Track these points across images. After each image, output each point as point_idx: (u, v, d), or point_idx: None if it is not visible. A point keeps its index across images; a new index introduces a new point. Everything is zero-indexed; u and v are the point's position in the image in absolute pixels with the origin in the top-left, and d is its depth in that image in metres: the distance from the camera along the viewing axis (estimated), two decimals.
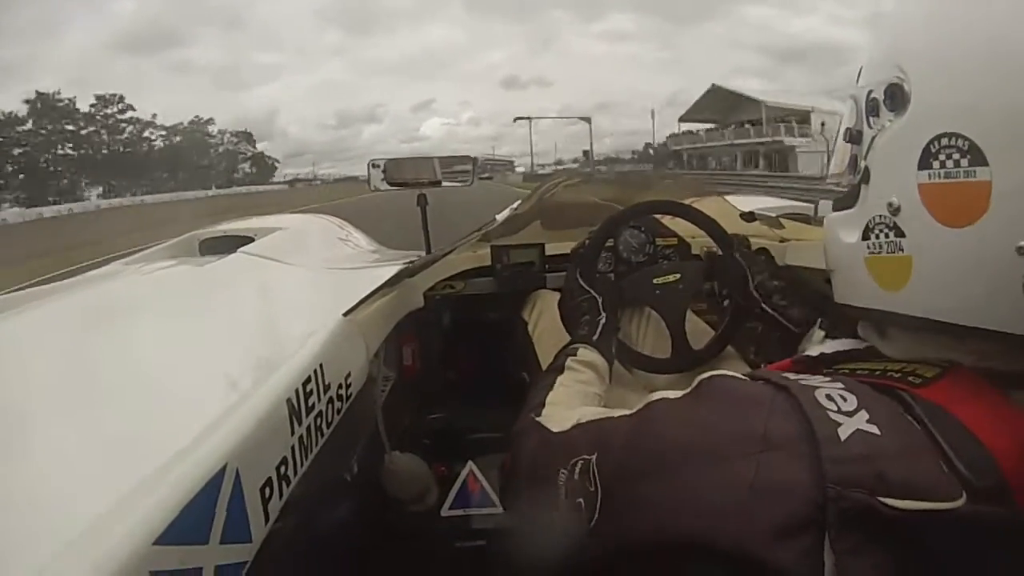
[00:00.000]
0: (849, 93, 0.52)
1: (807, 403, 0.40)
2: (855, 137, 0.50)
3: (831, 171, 0.55)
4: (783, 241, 1.30)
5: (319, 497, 0.80)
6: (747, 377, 0.47)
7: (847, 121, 0.52)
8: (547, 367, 0.82)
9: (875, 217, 0.47)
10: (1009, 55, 0.39)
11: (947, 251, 0.42)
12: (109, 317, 0.87)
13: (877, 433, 0.38)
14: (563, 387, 0.74)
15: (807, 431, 0.39)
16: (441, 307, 1.40)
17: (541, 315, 1.19)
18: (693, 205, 1.16)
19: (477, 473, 1.29)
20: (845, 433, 0.38)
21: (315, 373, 0.74)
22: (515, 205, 1.62)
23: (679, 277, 1.05)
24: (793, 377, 0.45)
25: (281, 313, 1.00)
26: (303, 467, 0.67)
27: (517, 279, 1.33)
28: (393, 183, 1.51)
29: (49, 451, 0.50)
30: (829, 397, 0.41)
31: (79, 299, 0.98)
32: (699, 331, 1.10)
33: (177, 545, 0.43)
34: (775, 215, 1.44)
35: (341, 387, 0.83)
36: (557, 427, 0.59)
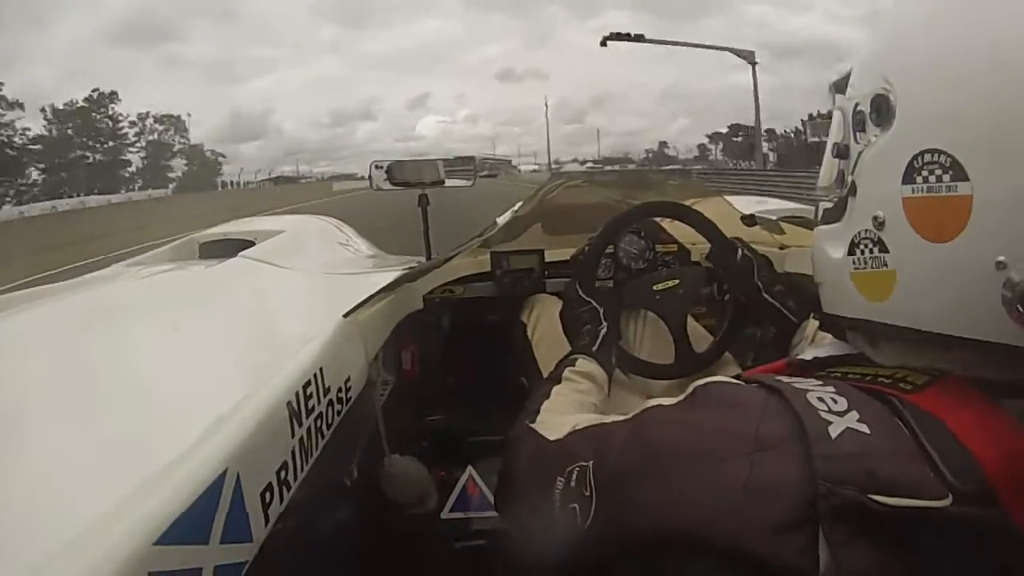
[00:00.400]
0: (836, 105, 0.53)
1: (799, 404, 0.41)
2: (842, 152, 0.51)
3: (819, 184, 0.55)
4: (783, 248, 1.30)
5: (319, 500, 0.80)
6: (741, 381, 0.48)
7: (835, 135, 0.53)
8: (545, 377, 0.82)
9: (860, 232, 0.48)
10: (991, 71, 0.40)
11: (929, 265, 0.43)
12: (110, 320, 0.87)
13: (867, 432, 0.39)
14: (559, 396, 0.74)
15: (799, 430, 0.40)
16: (440, 311, 1.41)
17: (540, 319, 1.19)
18: (694, 207, 1.16)
19: (476, 477, 1.29)
20: (836, 431, 0.39)
21: (315, 376, 0.74)
22: (516, 208, 1.62)
23: (679, 282, 1.05)
24: (786, 380, 0.46)
25: (281, 317, 1.00)
26: (303, 471, 0.67)
27: (517, 285, 1.33)
28: (396, 183, 1.53)
29: (50, 452, 0.50)
30: (820, 399, 0.42)
31: (80, 301, 0.99)
32: (698, 336, 1.10)
33: (177, 545, 0.43)
34: (776, 218, 1.44)
35: (341, 390, 0.83)
36: (553, 434, 0.60)
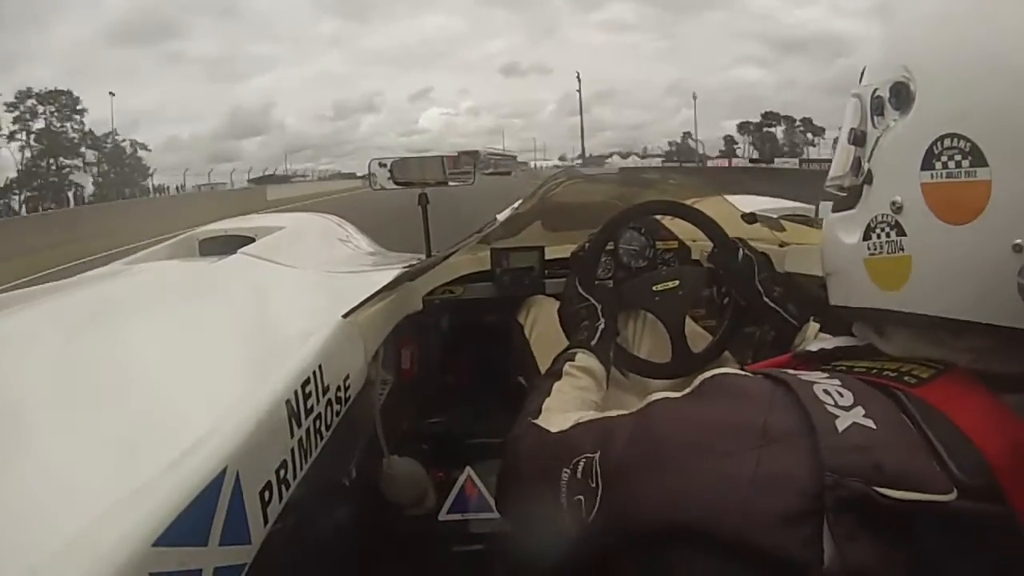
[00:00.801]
0: (852, 92, 0.52)
1: (806, 397, 0.42)
2: (859, 139, 0.50)
3: (832, 173, 0.54)
4: (783, 245, 1.30)
5: (318, 500, 0.80)
6: (747, 373, 0.48)
7: (850, 121, 0.52)
8: (545, 372, 0.82)
9: (877, 216, 0.48)
10: (1011, 58, 0.40)
11: (947, 248, 0.43)
12: (109, 317, 0.87)
13: (873, 427, 0.39)
14: (560, 393, 0.74)
15: (806, 423, 0.40)
16: (439, 311, 1.40)
17: (537, 320, 1.19)
18: (694, 205, 1.16)
19: (475, 478, 1.28)
20: (842, 425, 0.39)
21: (314, 375, 0.74)
22: (516, 204, 1.62)
23: (678, 283, 1.05)
24: (792, 373, 0.46)
25: (281, 315, 1.00)
26: (302, 470, 0.67)
27: (516, 285, 1.33)
28: (399, 183, 1.53)
29: (48, 452, 0.50)
30: (827, 392, 0.42)
31: (78, 299, 0.98)
32: (697, 336, 1.10)
33: (176, 547, 0.43)
34: (776, 216, 1.43)
35: (340, 389, 0.83)
36: (556, 428, 0.60)
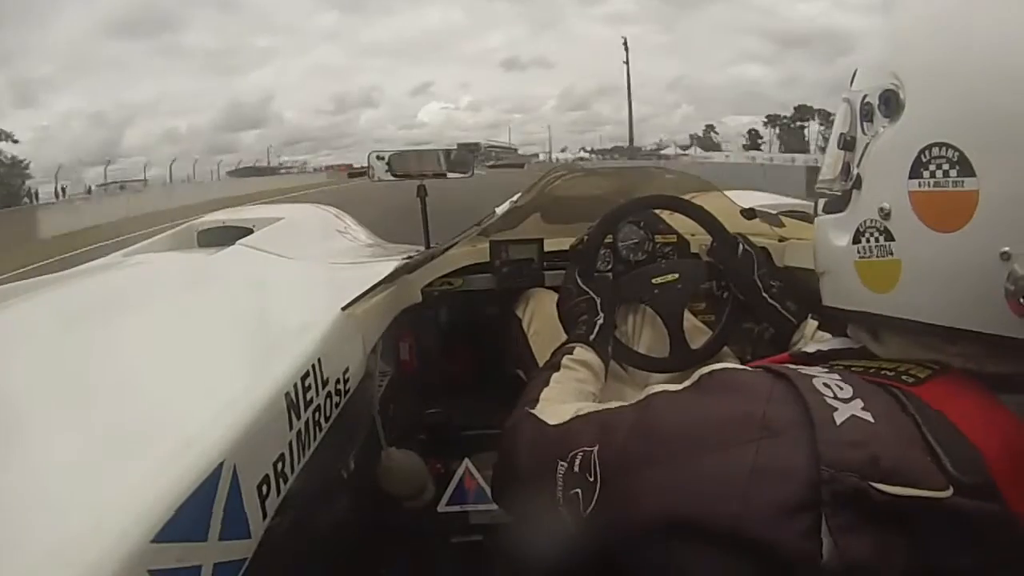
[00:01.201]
0: (843, 96, 0.53)
1: (805, 389, 0.42)
2: (849, 144, 0.51)
3: (822, 176, 0.55)
4: (782, 240, 1.30)
5: (316, 493, 0.80)
6: (747, 367, 0.49)
7: (840, 126, 0.52)
8: (543, 365, 0.82)
9: (866, 221, 0.48)
10: (1000, 68, 0.41)
11: (935, 255, 0.43)
12: (107, 309, 0.87)
13: (871, 421, 0.39)
14: (558, 384, 0.74)
15: (804, 416, 0.40)
16: (439, 303, 1.40)
17: (535, 313, 1.19)
18: (693, 200, 1.15)
19: (473, 470, 1.29)
20: (840, 418, 0.40)
21: (313, 368, 0.74)
22: (515, 198, 1.61)
23: (677, 277, 1.05)
24: (792, 367, 0.46)
25: (280, 307, 1.00)
26: (301, 463, 0.67)
27: (515, 276, 1.33)
28: (397, 175, 1.53)
29: (45, 447, 0.50)
30: (826, 385, 0.42)
31: (76, 290, 0.98)
32: (696, 330, 1.10)
33: (175, 543, 0.43)
34: (776, 212, 1.43)
35: (339, 382, 0.83)
36: (554, 420, 0.60)
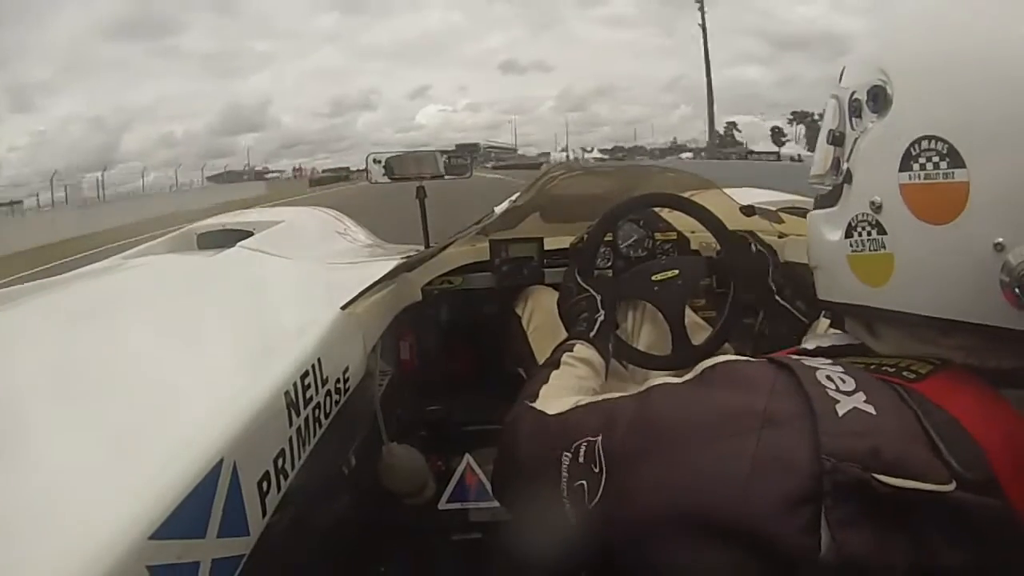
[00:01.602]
0: (831, 93, 0.53)
1: (807, 381, 0.42)
2: (838, 139, 0.51)
3: (813, 172, 0.55)
4: (782, 236, 1.30)
5: (316, 490, 0.80)
6: (751, 359, 0.49)
7: (829, 122, 0.52)
8: (543, 362, 0.82)
9: (857, 215, 0.48)
10: (987, 61, 0.41)
11: (928, 247, 0.43)
12: (108, 310, 0.87)
13: (873, 413, 0.39)
14: (558, 379, 0.74)
15: (806, 407, 0.40)
16: (439, 301, 1.41)
17: (535, 310, 1.19)
18: (692, 198, 1.16)
19: (474, 466, 1.29)
20: (843, 410, 0.39)
21: (313, 367, 0.74)
22: (514, 197, 1.62)
23: (678, 273, 1.05)
24: (796, 358, 0.46)
25: (280, 307, 1.00)
26: (300, 460, 0.67)
27: (515, 275, 1.33)
28: (395, 178, 1.54)
29: (46, 445, 0.50)
30: (829, 377, 0.42)
31: (77, 292, 0.98)
32: (697, 327, 1.10)
33: (174, 539, 0.43)
34: (775, 209, 1.43)
35: (339, 380, 0.83)
36: (554, 410, 0.59)
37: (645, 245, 1.30)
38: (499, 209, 1.57)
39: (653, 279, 1.05)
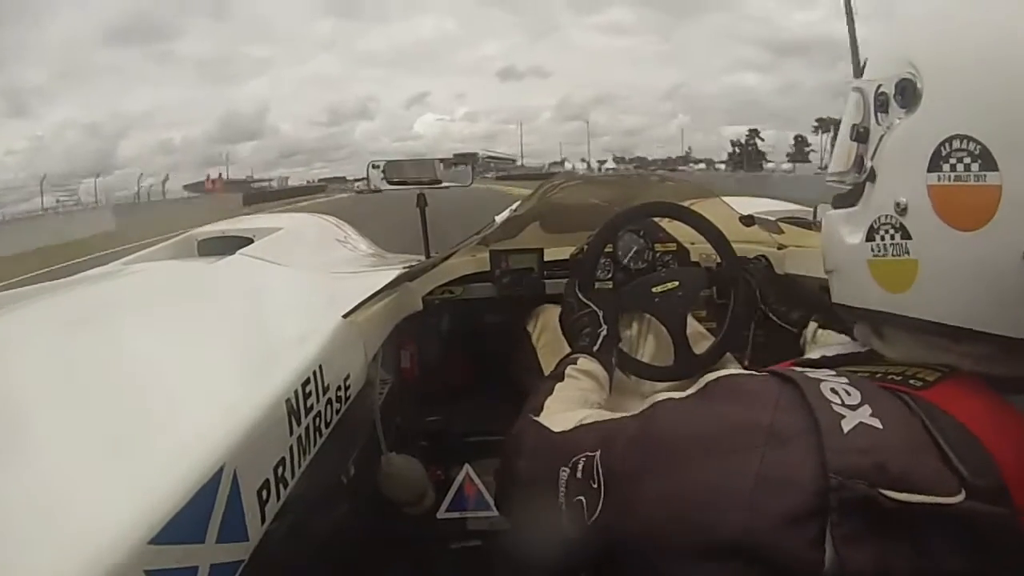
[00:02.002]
0: (853, 85, 0.50)
1: (812, 395, 0.41)
2: (862, 135, 0.49)
3: (832, 169, 0.53)
4: (781, 248, 1.30)
5: (316, 498, 0.80)
6: (754, 372, 0.48)
7: (851, 117, 0.50)
8: (547, 375, 0.82)
9: (880, 217, 0.46)
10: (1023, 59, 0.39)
11: (954, 254, 0.42)
12: (107, 317, 0.87)
13: (879, 427, 0.39)
14: (562, 392, 0.74)
15: (811, 423, 0.39)
16: (439, 311, 1.41)
17: (545, 327, 1.19)
18: (692, 207, 1.16)
19: (474, 476, 1.29)
20: (848, 425, 0.39)
21: (314, 375, 0.74)
22: (514, 207, 1.62)
23: (678, 284, 1.05)
24: (799, 370, 0.45)
25: (280, 315, 1.00)
26: (301, 468, 0.67)
27: (516, 285, 1.33)
28: (393, 183, 1.54)
29: (46, 450, 0.50)
30: (834, 391, 0.41)
31: (78, 298, 0.98)
32: (699, 336, 1.10)
33: (173, 544, 0.43)
34: (774, 219, 1.44)
35: (340, 389, 0.83)
36: (558, 427, 0.59)
37: (645, 256, 1.30)
38: (500, 218, 1.57)
39: (653, 291, 1.05)
